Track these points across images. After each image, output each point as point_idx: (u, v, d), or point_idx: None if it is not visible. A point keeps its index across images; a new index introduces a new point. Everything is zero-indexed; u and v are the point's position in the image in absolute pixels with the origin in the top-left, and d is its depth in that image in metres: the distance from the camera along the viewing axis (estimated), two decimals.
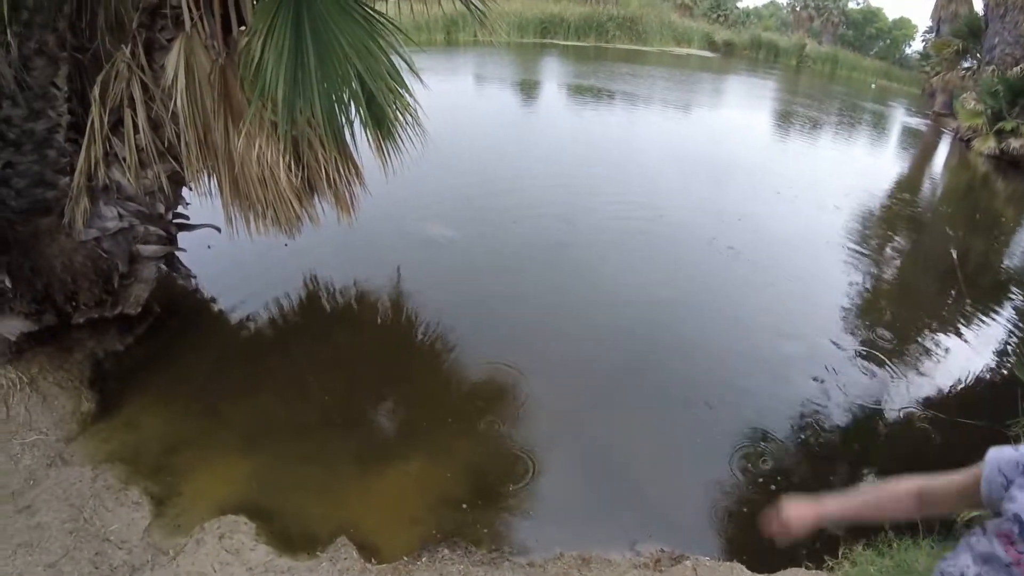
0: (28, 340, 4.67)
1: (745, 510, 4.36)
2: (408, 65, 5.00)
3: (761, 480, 4.63)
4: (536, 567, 3.80)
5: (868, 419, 5.48)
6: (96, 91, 4.45)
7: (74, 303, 4.77)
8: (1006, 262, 10.44)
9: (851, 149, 17.07)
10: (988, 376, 6.48)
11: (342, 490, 4.24)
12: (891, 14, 42.15)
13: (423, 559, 3.76)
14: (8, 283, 4.37)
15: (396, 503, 4.18)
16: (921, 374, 6.24)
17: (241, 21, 4.67)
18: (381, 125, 4.97)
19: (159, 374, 5.11)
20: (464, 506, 4.15)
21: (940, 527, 3.99)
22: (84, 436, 4.49)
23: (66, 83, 4.51)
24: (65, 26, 4.38)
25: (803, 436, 5.17)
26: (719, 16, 40.60)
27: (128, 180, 4.71)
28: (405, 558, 3.77)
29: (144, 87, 4.53)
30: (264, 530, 3.87)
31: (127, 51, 4.45)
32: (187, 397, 4.93)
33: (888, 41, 41.93)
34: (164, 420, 4.68)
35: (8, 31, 3.93)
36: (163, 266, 5.40)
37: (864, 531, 4.12)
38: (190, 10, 4.36)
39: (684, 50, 33.44)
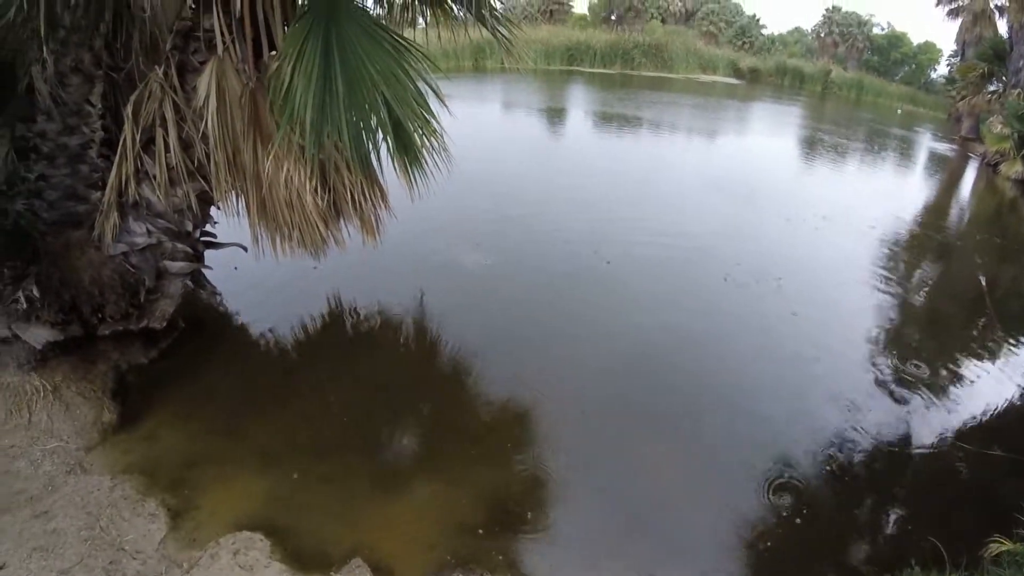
0: (53, 349, 4.77)
1: (768, 544, 4.29)
2: (434, 92, 5.07)
3: (784, 513, 4.54)
4: None
5: (894, 449, 5.37)
6: (129, 109, 4.56)
7: (100, 315, 4.86)
8: None
9: (878, 176, 16.92)
10: (1020, 404, 6.34)
11: (359, 511, 4.24)
12: (916, 38, 41.83)
13: None
14: (36, 293, 4.47)
15: (412, 526, 4.16)
16: (950, 403, 6.12)
17: (272, 46, 4.78)
18: (408, 151, 5.04)
19: (182, 388, 5.18)
20: (480, 532, 4.13)
21: (968, 562, 3.90)
22: (104, 446, 4.55)
23: (100, 100, 4.64)
24: (101, 45, 4.52)
25: (828, 466, 5.07)
26: (744, 43, 40.68)
27: (158, 197, 4.82)
28: None
29: (176, 107, 4.65)
30: (279, 548, 3.88)
31: (160, 72, 4.57)
32: (208, 412, 4.99)
33: (913, 66, 41.60)
34: (185, 434, 4.73)
35: (45, 48, 4.05)
36: (189, 282, 5.49)
37: (889, 566, 4.05)
38: (222, 34, 4.47)
39: (710, 77, 33.49)
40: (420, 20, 5.63)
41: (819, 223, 11.09)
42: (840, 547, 4.37)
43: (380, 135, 4.85)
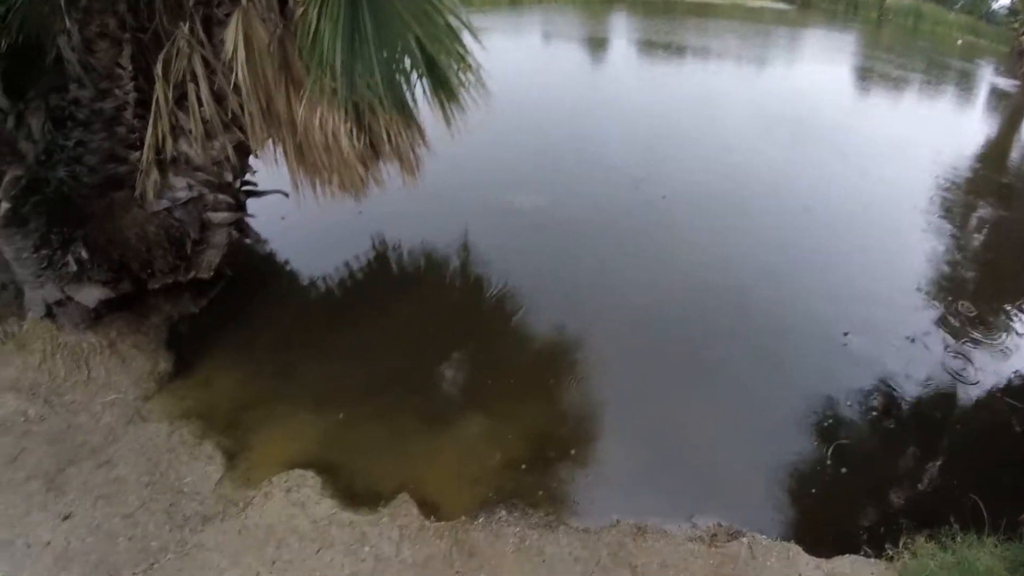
0: (106, 306, 4.94)
1: (813, 491, 4.21)
2: (466, 27, 4.95)
3: (829, 462, 4.44)
4: (591, 533, 3.80)
5: (945, 401, 5.16)
6: (159, 68, 4.59)
7: (149, 270, 5.01)
8: None
9: (935, 111, 15.95)
10: None
11: (406, 448, 4.34)
12: None
13: (480, 519, 3.83)
14: (85, 255, 4.62)
15: (457, 462, 4.24)
16: (1004, 354, 5.82)
17: None
18: (444, 88, 4.97)
19: (232, 335, 5.34)
20: (523, 467, 4.19)
21: (1006, 525, 3.78)
22: (161, 394, 4.74)
23: (130, 63, 4.65)
24: (124, 8, 4.51)
25: (876, 415, 4.90)
26: None
27: (196, 151, 4.88)
28: (463, 517, 3.84)
29: (205, 62, 4.66)
30: (329, 485, 4.02)
31: (186, 28, 4.57)
32: (259, 356, 5.14)
33: None
34: (237, 379, 4.89)
35: (67, 19, 4.09)
36: (234, 232, 5.59)
37: (928, 521, 3.94)
38: None
39: (758, 2, 31.78)
40: None
41: (876, 159, 10.58)
42: (881, 498, 4.25)
43: (414, 74, 4.79)
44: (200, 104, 4.69)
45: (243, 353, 5.13)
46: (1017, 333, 6.19)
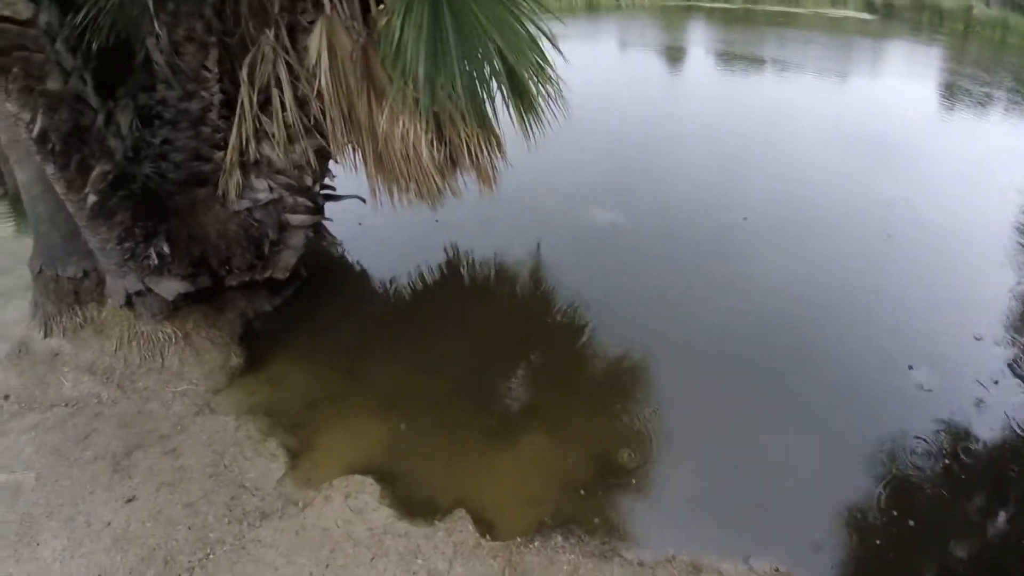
0: (184, 299, 5.12)
1: (877, 542, 3.97)
2: (547, 36, 4.92)
3: (895, 512, 4.15)
4: (646, 567, 3.70)
5: (1015, 448, 4.76)
6: (244, 72, 4.73)
7: (227, 267, 5.18)
8: None
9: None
10: None
11: (466, 462, 4.34)
12: None
13: (536, 543, 3.78)
14: (167, 249, 4.79)
15: (516, 481, 4.21)
16: None
17: (379, 0, 4.77)
18: (523, 98, 4.96)
19: (304, 335, 5.46)
20: (582, 492, 4.12)
21: None
22: (231, 388, 4.90)
23: (216, 65, 4.80)
24: (211, 13, 4.65)
25: (949, 462, 4.56)
26: None
27: (277, 155, 5.01)
28: (519, 539, 3.80)
29: (289, 68, 4.77)
30: (388, 493, 4.06)
31: (271, 35, 4.69)
32: (329, 357, 5.24)
33: None
34: (306, 378, 5.00)
35: (156, 21, 4.23)
36: (311, 234, 5.72)
37: (991, 570, 3.74)
38: None
39: (840, 12, 30.61)
40: None
41: (959, 180, 10.03)
42: (946, 549, 4.00)
43: (494, 84, 4.78)
44: (283, 109, 4.81)
45: (313, 353, 5.24)
46: None
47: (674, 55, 18.19)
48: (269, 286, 5.60)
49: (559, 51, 5.10)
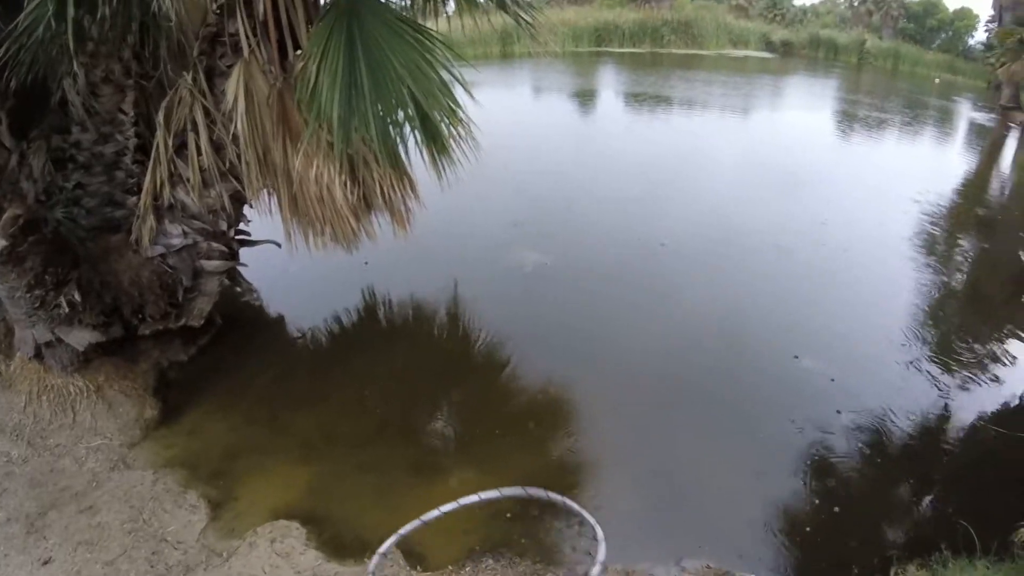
0: (96, 350, 4.95)
1: (807, 529, 4.27)
2: (459, 82, 5.08)
3: (817, 501, 4.51)
4: None
5: (932, 433, 5.29)
6: (161, 116, 4.70)
7: (140, 315, 5.05)
8: None
9: (917, 149, 16.39)
10: None
11: (394, 499, 4.34)
12: (952, 4, 40.05)
13: (467, 568, 3.84)
14: (77, 297, 4.65)
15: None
16: (988, 384, 5.98)
17: (296, 45, 4.86)
18: (435, 141, 5.08)
19: (221, 384, 5.36)
20: (508, 516, 4.19)
21: (998, 547, 3.84)
22: (147, 441, 4.74)
23: (132, 108, 4.79)
24: (130, 55, 4.66)
25: (865, 451, 5.00)
26: (775, 15, 39.47)
27: (192, 199, 4.96)
28: (450, 567, 3.85)
29: (206, 111, 4.77)
30: (314, 535, 4.02)
31: (189, 78, 4.69)
32: (247, 406, 5.16)
33: (950, 33, 39.98)
34: (224, 428, 4.91)
35: (75, 62, 4.19)
36: (226, 280, 5.65)
37: (918, 549, 4.00)
38: (247, 37, 4.56)
39: (742, 52, 32.64)
40: (446, 8, 5.61)
41: (862, 199, 10.90)
42: (872, 529, 4.34)
43: (407, 127, 4.89)
44: (199, 153, 4.80)
45: (231, 402, 5.15)
46: (1001, 363, 6.36)
47: (587, 97, 19.06)
48: (184, 334, 5.47)
49: (471, 96, 5.26)
